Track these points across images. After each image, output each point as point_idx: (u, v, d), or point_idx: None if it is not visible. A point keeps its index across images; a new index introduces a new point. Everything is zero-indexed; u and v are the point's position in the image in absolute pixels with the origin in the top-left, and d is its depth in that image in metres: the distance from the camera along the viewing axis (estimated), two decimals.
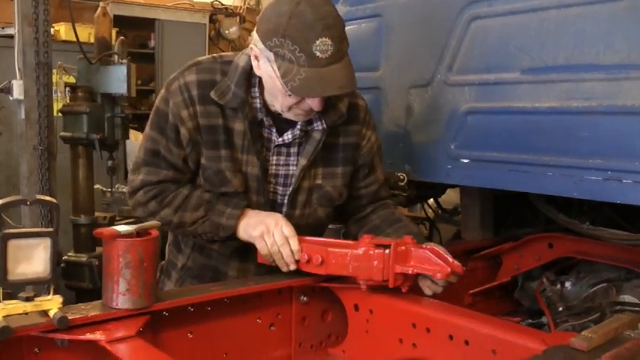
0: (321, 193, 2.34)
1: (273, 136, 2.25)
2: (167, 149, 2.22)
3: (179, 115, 2.19)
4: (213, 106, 2.19)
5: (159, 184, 2.25)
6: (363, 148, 2.40)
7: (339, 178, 2.36)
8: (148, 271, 1.78)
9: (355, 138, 2.37)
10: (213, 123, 2.20)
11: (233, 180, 2.22)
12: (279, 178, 2.31)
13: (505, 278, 3.00)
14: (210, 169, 2.23)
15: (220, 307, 2.01)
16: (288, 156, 2.29)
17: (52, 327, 1.64)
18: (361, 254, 2.03)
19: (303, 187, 2.30)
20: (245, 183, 2.25)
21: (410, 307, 2.02)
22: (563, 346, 1.58)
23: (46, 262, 1.65)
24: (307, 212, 2.35)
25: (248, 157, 2.23)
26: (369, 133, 2.42)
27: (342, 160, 2.35)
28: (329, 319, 2.30)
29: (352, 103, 2.33)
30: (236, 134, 2.21)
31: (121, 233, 1.75)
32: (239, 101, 2.16)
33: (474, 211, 3.05)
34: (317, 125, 2.24)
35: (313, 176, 2.32)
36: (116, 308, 1.76)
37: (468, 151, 2.58)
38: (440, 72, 2.65)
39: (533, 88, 2.34)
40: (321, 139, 2.25)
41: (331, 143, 2.31)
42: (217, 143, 2.21)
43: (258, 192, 2.26)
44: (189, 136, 2.20)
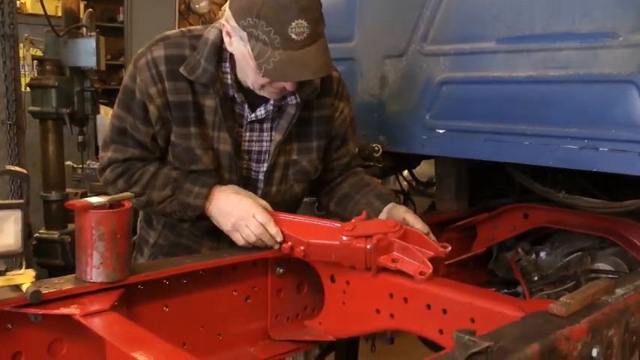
0: (298, 169, 2.32)
1: (245, 112, 2.21)
2: (134, 127, 2.18)
3: (147, 92, 2.13)
4: (183, 82, 2.13)
5: (125, 161, 2.21)
6: (336, 120, 2.38)
7: (314, 152, 2.34)
8: (121, 244, 1.75)
9: (329, 111, 2.34)
10: (182, 99, 2.14)
11: (203, 157, 2.18)
12: (253, 155, 2.27)
13: (480, 249, 3.00)
14: (179, 146, 2.18)
15: (195, 280, 1.99)
16: (262, 132, 2.25)
17: (25, 302, 1.62)
18: (343, 246, 1.99)
19: (278, 163, 2.28)
20: (216, 161, 2.21)
21: (387, 278, 2.01)
22: (542, 312, 1.58)
23: (17, 235, 1.63)
24: (284, 189, 2.32)
25: (220, 134, 2.18)
26: (342, 105, 2.40)
27: (317, 134, 2.33)
28: (305, 291, 2.29)
29: (327, 76, 2.28)
30: (207, 111, 2.17)
31: (93, 205, 1.71)
32: (209, 77, 2.11)
33: (448, 181, 3.05)
34: (291, 100, 2.21)
35: (288, 152, 2.29)
36: (90, 282, 1.74)
37: (443, 121, 2.56)
38: (414, 42, 2.62)
39: (509, 58, 2.32)
40: (296, 113, 2.22)
41: (305, 117, 2.28)
42: (187, 120, 2.15)
43: (231, 169, 2.23)
44: (158, 113, 2.15)
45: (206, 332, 2.06)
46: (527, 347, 1.35)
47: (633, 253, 2.49)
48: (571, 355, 1.45)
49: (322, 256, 2.06)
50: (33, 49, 5.15)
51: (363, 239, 1.97)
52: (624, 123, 2.05)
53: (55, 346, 1.73)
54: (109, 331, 1.59)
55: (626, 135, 2.05)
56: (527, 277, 2.77)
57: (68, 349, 1.75)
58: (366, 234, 1.97)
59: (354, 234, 1.98)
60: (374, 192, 2.38)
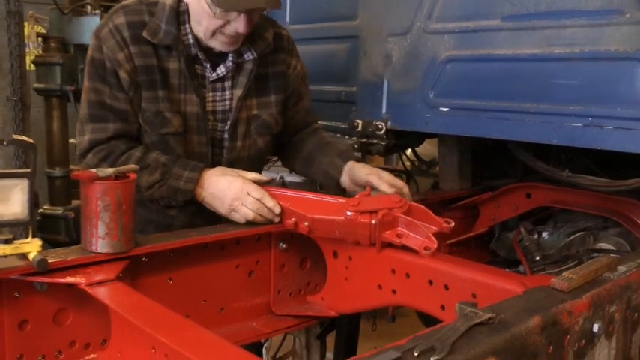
0: (259, 123, 2.38)
1: (207, 72, 2.27)
2: (112, 97, 2.19)
3: (115, 59, 2.16)
4: (147, 47, 2.18)
5: (109, 142, 2.20)
6: (290, 76, 2.47)
7: (273, 105, 2.41)
8: (126, 215, 1.76)
9: (282, 66, 2.43)
10: (148, 63, 2.18)
11: (173, 120, 2.22)
12: (218, 114, 2.32)
13: (482, 229, 3.00)
14: (149, 110, 2.21)
15: (199, 254, 2.00)
16: (223, 90, 2.31)
17: (32, 270, 1.63)
18: (348, 222, 2.00)
19: (241, 118, 2.34)
20: (184, 123, 2.24)
21: (389, 253, 2.01)
22: (544, 287, 1.58)
23: (24, 204, 1.63)
24: (248, 143, 2.37)
25: (186, 95, 2.23)
26: (295, 61, 2.49)
27: (274, 88, 2.41)
28: (308, 267, 2.30)
29: (277, 34, 2.40)
30: (172, 74, 2.21)
31: (99, 176, 1.72)
32: (172, 38, 2.17)
33: (451, 160, 3.05)
34: (247, 56, 2.29)
35: (249, 107, 2.36)
36: (95, 252, 1.75)
37: (446, 99, 2.56)
38: (419, 20, 2.62)
39: (514, 35, 2.32)
40: (253, 68, 2.30)
41: (262, 74, 2.36)
42: (154, 83, 2.20)
43: (199, 131, 2.27)
44: (129, 78, 2.17)
45: (209, 306, 2.07)
46: (529, 319, 1.36)
47: (636, 233, 2.49)
48: (572, 330, 1.46)
49: (327, 232, 2.06)
50: (38, 27, 5.15)
51: (368, 215, 1.97)
52: (629, 100, 2.05)
53: (60, 315, 1.75)
54: (114, 300, 1.61)
55: (631, 113, 2.04)
56: (529, 257, 2.78)
57: (74, 318, 1.76)
58: (370, 209, 1.97)
59: (358, 209, 1.98)
60: (335, 151, 2.45)
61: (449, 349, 1.16)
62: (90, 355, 1.79)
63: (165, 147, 2.24)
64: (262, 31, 2.31)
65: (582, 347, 1.51)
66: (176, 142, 2.24)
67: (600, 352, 1.59)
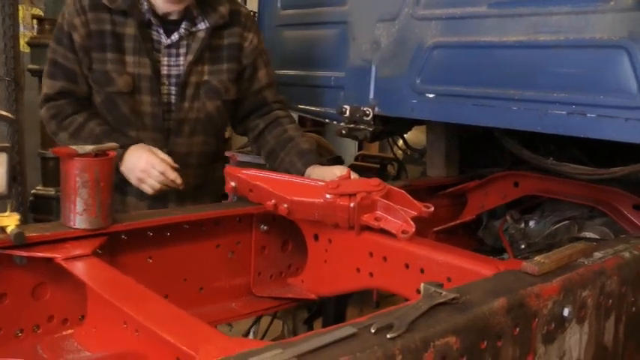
0: (208, 87, 2.52)
1: (162, 38, 2.44)
2: (64, 56, 2.40)
3: (72, 23, 2.37)
4: (104, 13, 2.37)
5: (57, 99, 2.43)
6: (245, 49, 2.60)
7: (225, 73, 2.55)
8: (104, 192, 1.77)
9: (238, 39, 2.57)
10: (102, 28, 2.37)
11: (118, 80, 2.39)
12: (172, 79, 2.48)
13: (470, 216, 3.01)
14: (97, 71, 2.40)
15: (180, 233, 2.01)
16: (178, 56, 2.47)
17: (9, 243, 1.65)
18: (327, 204, 2.01)
19: (191, 81, 2.48)
20: (132, 84, 2.40)
21: (367, 237, 2.02)
22: (515, 271, 1.59)
23: (2, 178, 1.66)
24: (196, 106, 2.51)
25: (140, 58, 2.40)
26: (251, 36, 2.61)
27: (227, 58, 2.55)
28: (289, 250, 2.32)
29: (235, 10, 2.57)
30: (127, 39, 2.39)
31: (78, 152, 1.73)
32: (128, 4, 2.35)
33: (439, 147, 3.06)
34: (201, 25, 2.47)
35: (200, 73, 2.50)
36: (73, 228, 1.77)
37: (433, 85, 2.56)
38: (407, 5, 2.62)
39: (500, 22, 2.32)
40: (206, 37, 2.47)
41: (216, 45, 2.52)
42: (104, 46, 2.38)
43: (152, 92, 2.43)
44: (81, 42, 2.37)
45: (189, 285, 2.08)
46: (494, 301, 1.36)
47: (621, 223, 2.50)
48: (541, 313, 1.46)
49: (306, 214, 2.07)
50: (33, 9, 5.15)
51: (347, 197, 1.97)
52: (613, 88, 2.05)
53: (39, 289, 1.77)
54: (89, 275, 1.62)
55: (615, 101, 2.05)
56: (515, 246, 2.79)
57: (52, 293, 1.78)
58: (349, 192, 1.98)
59: (337, 192, 1.99)
60: (296, 149, 2.54)
61: (407, 327, 1.17)
62: (67, 331, 1.80)
63: (112, 105, 2.43)
64: (217, 5, 2.49)
65: (552, 331, 1.51)
66: (122, 101, 2.41)
67: (571, 337, 1.59)
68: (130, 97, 2.42)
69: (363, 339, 1.14)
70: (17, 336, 1.75)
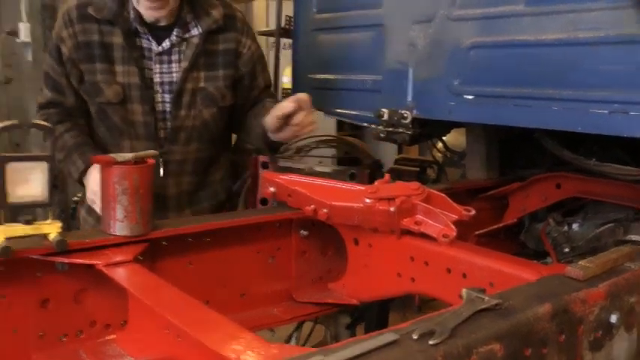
0: (204, 94, 2.51)
1: (152, 45, 2.45)
2: (53, 69, 2.48)
3: (60, 36, 2.43)
4: (92, 24, 2.40)
5: (47, 107, 2.52)
6: (243, 56, 2.61)
7: (221, 80, 2.55)
8: (144, 199, 1.79)
9: (233, 44, 2.57)
10: (89, 39, 2.40)
11: (106, 90, 2.42)
12: (165, 86, 2.48)
13: (511, 219, 2.95)
14: (87, 82, 2.44)
15: (220, 239, 2.02)
16: (170, 63, 2.48)
17: (52, 250, 1.67)
18: (366, 209, 2.00)
19: (186, 89, 2.48)
20: (121, 94, 2.43)
21: (408, 241, 2.01)
22: (559, 275, 1.56)
23: (44, 186, 1.67)
24: (193, 114, 2.51)
25: (129, 67, 2.42)
26: (249, 41, 2.63)
27: (223, 64, 2.55)
28: (329, 254, 2.31)
29: (229, 14, 2.56)
30: (115, 48, 2.41)
31: (117, 160, 1.75)
32: (113, 12, 2.37)
33: (478, 149, 3.02)
34: (194, 31, 2.47)
35: (196, 79, 2.50)
36: (114, 235, 1.79)
37: (471, 87, 2.53)
38: (443, 6, 2.58)
39: (538, 20, 2.28)
40: (199, 43, 2.46)
41: (212, 50, 2.52)
42: (93, 57, 2.41)
43: (143, 100, 2.45)
44: (69, 54, 2.43)
45: (229, 291, 2.09)
46: (539, 307, 1.34)
47: None
48: (587, 319, 1.43)
49: (345, 218, 2.07)
50: None
51: (386, 202, 1.97)
52: None
53: (81, 295, 1.79)
54: (131, 282, 1.63)
55: None
56: (558, 249, 2.74)
57: (94, 298, 1.80)
58: (389, 196, 1.97)
59: (377, 196, 1.98)
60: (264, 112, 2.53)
61: (449, 334, 1.15)
62: (110, 336, 1.82)
63: (104, 116, 2.47)
64: (209, 9, 2.49)
65: (599, 338, 1.48)
66: (113, 111, 2.45)
67: (620, 345, 1.56)
68: (120, 107, 2.44)
69: (405, 345, 1.13)
70: (61, 340, 1.77)
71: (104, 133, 2.53)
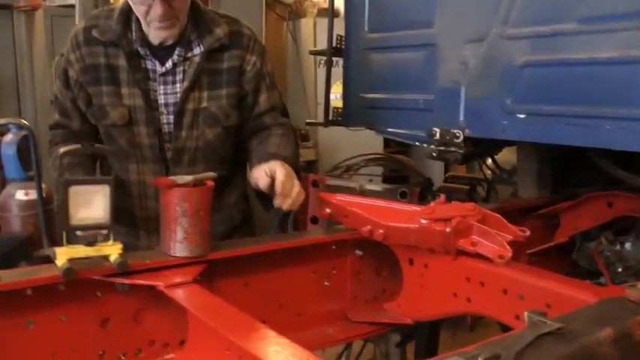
0: (207, 114, 2.44)
1: (156, 66, 2.41)
2: (60, 92, 2.47)
3: (68, 59, 2.42)
4: (98, 47, 2.37)
5: (55, 128, 2.52)
6: (247, 73, 2.50)
7: (224, 99, 2.46)
8: (203, 220, 1.81)
9: (238, 62, 2.47)
10: (96, 62, 2.38)
11: (112, 113, 2.39)
12: (169, 107, 2.43)
13: (562, 238, 2.93)
14: (95, 105, 2.41)
15: (276, 259, 2.04)
16: (174, 84, 2.42)
17: (113, 271, 1.71)
18: (422, 229, 2.01)
19: (187, 109, 2.41)
20: (127, 117, 2.39)
21: (464, 261, 2.01)
22: (619, 298, 1.55)
23: (106, 209, 1.70)
24: (195, 134, 2.45)
25: (133, 90, 2.38)
26: (254, 59, 2.51)
27: (226, 82, 2.46)
28: (384, 274, 2.31)
29: (235, 31, 2.48)
30: (121, 71, 2.38)
31: (177, 183, 1.78)
32: (117, 35, 2.34)
33: (530, 167, 3.01)
34: (196, 50, 2.41)
35: (198, 99, 2.43)
36: (173, 256, 1.82)
37: (524, 105, 2.52)
38: (495, 25, 2.58)
39: (591, 38, 2.26)
40: (201, 61, 2.40)
41: (215, 69, 2.44)
42: (99, 80, 2.38)
43: (147, 122, 2.40)
44: (76, 77, 2.40)
45: (285, 311, 2.11)
46: (600, 331, 1.33)
47: None
48: None
49: (401, 239, 2.08)
50: None
51: (442, 222, 1.97)
52: None
53: (140, 314, 1.82)
54: (191, 302, 1.66)
55: None
56: (611, 268, 2.71)
57: (153, 318, 1.83)
58: (445, 217, 1.97)
59: (433, 217, 1.98)
60: (260, 153, 2.38)
61: (514, 358, 1.16)
62: (169, 355, 1.85)
63: (110, 139, 2.44)
64: (213, 27, 2.42)
65: None
66: (118, 133, 2.42)
67: None
68: (126, 129, 2.41)
69: None
70: (120, 359, 1.80)
71: (111, 156, 2.52)
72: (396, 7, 3.03)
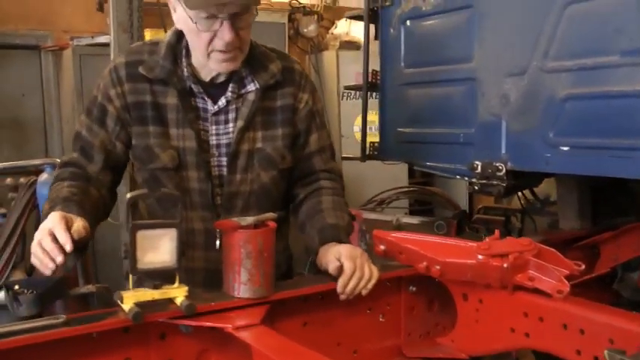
0: (262, 156, 2.27)
1: (208, 105, 2.23)
2: (88, 129, 2.23)
3: (107, 94, 2.21)
4: (143, 84, 2.19)
5: (66, 166, 2.22)
6: (300, 112, 2.34)
7: (280, 139, 2.30)
8: (267, 262, 1.82)
9: (291, 100, 2.32)
10: (141, 99, 2.19)
11: (161, 155, 2.19)
12: (222, 148, 2.25)
13: (604, 269, 2.92)
14: (139, 146, 2.22)
15: (333, 298, 2.03)
16: (227, 123, 2.24)
17: (179, 314, 1.72)
18: (479, 265, 2.02)
19: (242, 150, 2.23)
20: (176, 159, 2.20)
21: (521, 296, 2.02)
22: None
23: (172, 252, 1.72)
24: (250, 177, 2.26)
25: (183, 130, 2.20)
26: (306, 96, 2.36)
27: (281, 122, 2.30)
28: (435, 309, 2.31)
29: (287, 67, 2.32)
30: (169, 109, 2.19)
31: (241, 224, 1.80)
32: (167, 71, 2.16)
33: (571, 199, 3.02)
34: (250, 87, 2.23)
35: (253, 140, 2.25)
36: (237, 297, 1.82)
37: (567, 138, 2.53)
38: (536, 59, 2.61)
39: (634, 71, 2.28)
40: (256, 99, 2.22)
41: (269, 107, 2.27)
42: (145, 119, 2.20)
43: (198, 166, 2.21)
44: (117, 114, 2.21)
45: (343, 349, 2.11)
46: None
47: None
48: None
49: (458, 275, 2.09)
50: None
51: (499, 258, 1.98)
52: None
53: (203, 355, 1.83)
54: (261, 343, 1.66)
55: None
56: None
57: (216, 358, 1.84)
58: (501, 253, 1.99)
59: (490, 253, 1.99)
60: (319, 224, 2.24)
61: None
62: None
63: (156, 183, 2.22)
64: (267, 63, 2.26)
65: None
66: (167, 177, 2.21)
67: None
68: (175, 174, 2.21)
69: None
70: None
71: (153, 205, 2.28)
72: (434, 43, 3.07)
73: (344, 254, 2.03)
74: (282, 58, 2.33)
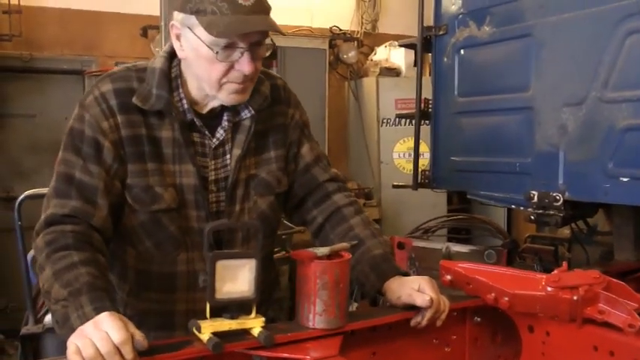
0: (257, 182, 2.13)
1: (206, 139, 2.05)
2: (85, 171, 1.92)
3: (99, 127, 1.93)
4: (136, 115, 1.96)
5: (62, 223, 1.86)
6: (289, 128, 2.22)
7: (273, 162, 2.17)
8: (342, 292, 1.83)
9: (282, 118, 2.20)
10: (136, 133, 1.96)
11: (164, 195, 1.98)
12: (221, 183, 2.08)
13: None
14: (137, 186, 1.97)
15: (401, 328, 2.04)
16: (224, 155, 2.08)
17: (256, 344, 1.72)
18: (548, 297, 2.02)
19: (240, 179, 2.08)
20: (179, 197, 2.01)
21: (590, 330, 2.00)
22: None
23: (251, 282, 1.73)
24: (248, 206, 2.11)
25: (181, 166, 2.00)
26: (292, 111, 2.24)
27: (273, 144, 2.18)
28: (499, 341, 2.30)
29: (272, 85, 2.17)
30: (164, 143, 1.99)
31: (317, 255, 1.81)
32: (164, 102, 1.96)
33: (627, 230, 3.00)
34: (245, 113, 2.07)
35: (248, 167, 2.11)
36: (312, 328, 1.83)
37: (627, 169, 2.53)
38: (594, 89, 2.62)
39: None
40: (251, 125, 2.07)
41: (260, 130, 2.13)
42: (142, 155, 1.97)
43: (197, 205, 2.02)
44: (114, 149, 1.94)
45: None
46: None
47: None
48: None
49: (526, 307, 2.08)
50: None
51: (569, 290, 1.98)
52: None
53: None
54: None
55: None
56: None
57: None
58: (571, 285, 1.99)
59: (559, 285, 2.00)
60: (368, 257, 2.12)
61: None
62: None
63: (156, 226, 2.00)
64: (259, 85, 2.08)
65: None
66: (169, 219, 2.00)
67: None
68: (177, 214, 2.00)
69: None
70: None
71: (150, 250, 2.04)
72: (489, 72, 3.08)
73: (427, 287, 1.98)
74: (267, 76, 2.18)
